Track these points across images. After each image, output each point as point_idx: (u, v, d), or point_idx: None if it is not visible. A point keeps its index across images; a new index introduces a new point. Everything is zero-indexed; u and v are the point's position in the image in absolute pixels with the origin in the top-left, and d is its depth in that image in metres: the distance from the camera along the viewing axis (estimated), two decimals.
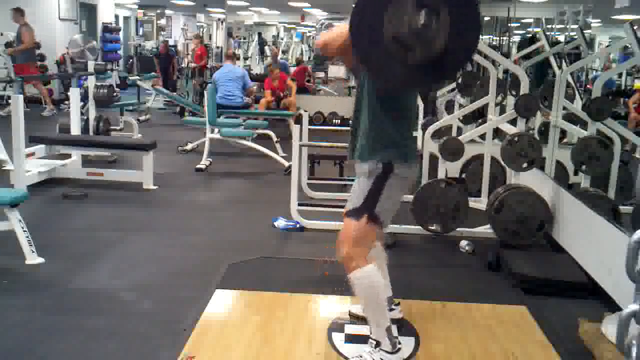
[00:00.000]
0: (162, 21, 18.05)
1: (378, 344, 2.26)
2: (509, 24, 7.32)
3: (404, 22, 1.81)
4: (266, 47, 12.97)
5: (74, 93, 5.62)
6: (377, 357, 2.25)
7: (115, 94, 6.56)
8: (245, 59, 11.84)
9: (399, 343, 2.27)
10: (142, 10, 17.05)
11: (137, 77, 9.74)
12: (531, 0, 7.50)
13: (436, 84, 2.10)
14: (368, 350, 2.30)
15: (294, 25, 15.02)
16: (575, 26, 5.51)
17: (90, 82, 5.99)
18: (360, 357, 2.29)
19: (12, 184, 4.48)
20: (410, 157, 2.21)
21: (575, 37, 5.22)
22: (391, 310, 2.53)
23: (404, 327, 2.59)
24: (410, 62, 1.86)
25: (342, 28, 2.02)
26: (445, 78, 2.15)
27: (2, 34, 9.67)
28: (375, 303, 2.23)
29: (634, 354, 1.52)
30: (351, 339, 2.45)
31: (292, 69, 10.85)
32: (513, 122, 4.13)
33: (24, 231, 3.22)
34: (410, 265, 3.42)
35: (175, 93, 10.09)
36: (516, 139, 3.84)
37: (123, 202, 4.63)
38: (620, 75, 5.82)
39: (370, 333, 2.31)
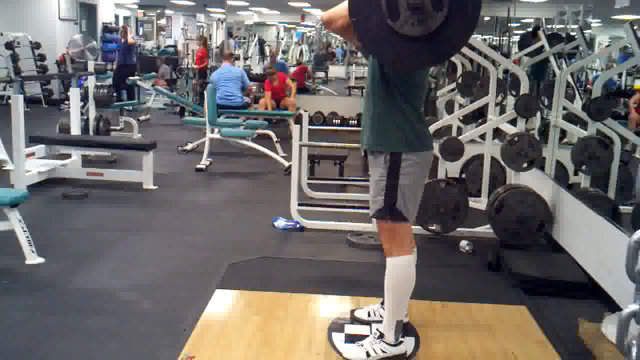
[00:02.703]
0: (162, 21, 18.06)
1: (381, 336, 2.28)
2: (509, 24, 7.32)
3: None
4: (266, 47, 12.97)
5: (74, 93, 5.62)
6: (378, 347, 2.27)
7: (114, 94, 6.56)
8: (245, 59, 11.84)
9: (402, 337, 2.29)
10: (142, 10, 17.05)
11: (137, 77, 9.74)
12: (531, 0, 7.50)
13: (435, 61, 2.05)
14: (370, 339, 2.31)
15: (294, 26, 15.02)
16: (575, 26, 5.51)
17: (90, 82, 5.99)
18: (362, 345, 2.31)
19: (12, 184, 4.48)
20: (421, 142, 2.17)
21: (575, 37, 5.22)
22: None
23: (404, 327, 2.59)
24: (408, 36, 1.83)
25: (345, 4, 1.98)
26: (445, 55, 2.10)
27: (2, 34, 9.68)
28: (399, 293, 2.24)
29: (634, 354, 1.52)
30: (351, 339, 2.45)
31: (292, 69, 10.85)
32: (513, 122, 4.13)
33: (24, 231, 3.22)
34: None
35: (174, 93, 10.08)
36: (516, 139, 3.84)
37: (123, 202, 4.64)
38: (620, 75, 5.82)
39: (371, 326, 2.33)
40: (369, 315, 2.61)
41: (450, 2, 1.80)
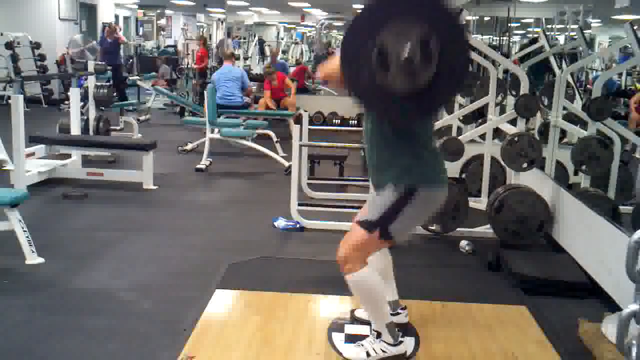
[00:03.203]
0: (162, 21, 18.06)
1: (379, 335, 2.28)
2: (509, 24, 7.32)
3: (390, 53, 1.77)
4: (266, 47, 12.96)
5: (74, 93, 5.62)
6: (378, 347, 2.27)
7: (114, 94, 6.56)
8: (245, 59, 11.84)
9: (401, 336, 2.29)
10: (142, 10, 17.05)
11: (137, 77, 9.74)
12: (531, 0, 7.50)
13: (422, 117, 2.04)
14: (369, 339, 2.31)
15: (294, 26, 15.02)
16: (575, 26, 5.52)
17: (90, 82, 5.99)
18: (362, 345, 2.31)
19: (12, 184, 4.48)
20: (436, 180, 2.13)
21: (575, 37, 5.23)
22: (397, 314, 2.53)
23: (405, 327, 2.59)
24: (397, 92, 1.82)
25: (337, 58, 1.97)
26: (431, 112, 2.08)
27: (2, 34, 9.68)
28: (371, 303, 2.24)
29: (634, 354, 1.52)
30: (351, 339, 2.45)
31: (292, 69, 10.85)
32: (513, 122, 4.13)
33: (24, 231, 3.22)
34: (410, 265, 3.42)
35: (174, 93, 10.08)
36: (516, 139, 3.84)
37: (123, 202, 4.64)
38: (620, 75, 5.82)
39: (371, 326, 2.33)
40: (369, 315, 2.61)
41: (440, 57, 1.78)
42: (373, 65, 1.80)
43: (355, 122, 8.56)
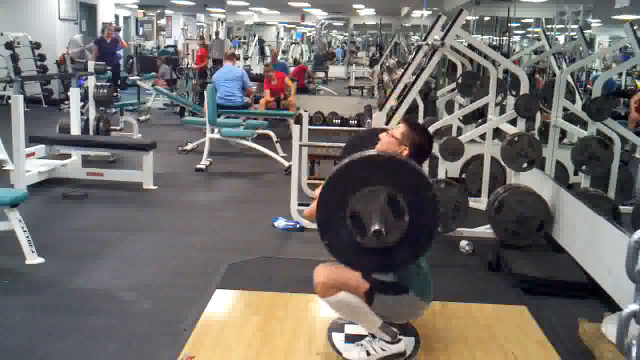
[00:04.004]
0: (162, 21, 18.06)
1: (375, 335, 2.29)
2: (509, 24, 7.31)
3: (362, 216, 1.92)
4: (266, 47, 12.98)
5: (74, 93, 5.62)
6: (377, 346, 2.28)
7: (115, 94, 6.56)
8: (245, 59, 11.84)
9: (399, 334, 2.30)
10: (142, 10, 17.05)
11: (137, 77, 9.74)
12: (531, 0, 7.50)
13: (386, 271, 2.15)
14: (369, 339, 2.33)
15: (294, 26, 15.03)
16: (575, 26, 5.51)
17: (90, 82, 5.99)
18: (362, 344, 2.31)
19: (12, 184, 4.48)
20: (426, 294, 2.26)
21: (576, 37, 5.23)
22: None
23: (405, 327, 2.59)
24: (373, 249, 1.96)
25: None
26: (397, 271, 2.17)
27: (2, 34, 9.68)
28: (355, 316, 2.27)
29: (634, 354, 1.52)
30: (351, 339, 2.45)
31: (292, 69, 10.85)
32: (513, 122, 4.13)
33: (24, 231, 3.22)
34: None
35: (174, 93, 10.08)
36: (516, 139, 3.84)
37: (123, 202, 4.64)
38: (620, 75, 5.82)
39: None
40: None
41: (410, 211, 1.92)
42: (350, 229, 1.94)
43: (355, 122, 8.56)
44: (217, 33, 11.40)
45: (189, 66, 11.10)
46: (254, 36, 12.83)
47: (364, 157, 1.96)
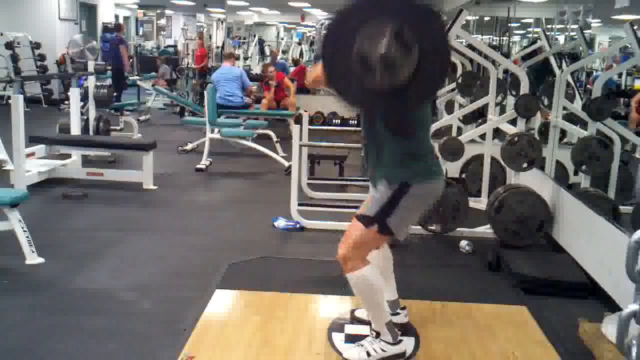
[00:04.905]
0: (162, 21, 18.07)
1: (378, 335, 2.28)
2: (509, 24, 7.32)
3: (369, 55, 1.80)
4: (266, 47, 12.97)
5: (74, 93, 5.62)
6: (378, 346, 2.28)
7: (115, 94, 6.56)
8: (245, 59, 11.84)
9: (401, 336, 2.29)
10: (142, 10, 17.06)
11: (137, 77, 9.74)
12: (531, 0, 7.50)
13: (419, 104, 2.07)
14: (369, 339, 2.32)
15: (294, 25, 15.02)
16: (575, 26, 5.51)
17: (90, 82, 5.99)
18: (362, 345, 2.31)
19: (12, 184, 4.48)
20: (429, 174, 2.16)
21: (576, 37, 5.23)
22: (396, 314, 2.53)
23: (405, 327, 2.59)
24: (373, 87, 1.84)
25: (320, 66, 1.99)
26: (421, 102, 2.10)
27: (2, 34, 9.68)
28: (372, 302, 2.25)
29: (634, 354, 1.52)
30: (351, 339, 2.45)
31: (292, 69, 10.85)
32: (513, 122, 4.13)
33: (24, 231, 3.22)
34: (410, 265, 3.42)
35: (174, 93, 10.08)
36: (516, 139, 3.84)
37: (123, 202, 4.63)
38: (620, 75, 5.82)
39: (371, 326, 2.33)
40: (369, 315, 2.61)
41: (419, 43, 1.79)
42: (356, 69, 1.82)
43: (355, 122, 8.56)
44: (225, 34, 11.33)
45: (189, 66, 11.10)
46: (254, 36, 12.82)
47: None
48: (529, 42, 7.23)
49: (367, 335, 2.36)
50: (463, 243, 3.74)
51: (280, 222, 4.08)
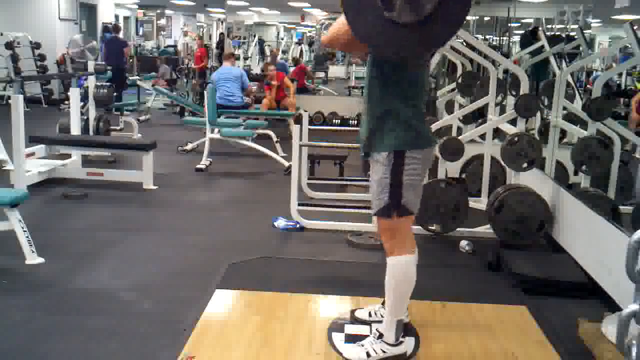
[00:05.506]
0: (162, 21, 18.08)
1: (381, 336, 2.28)
2: (509, 24, 7.32)
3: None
4: (266, 47, 12.97)
5: (74, 93, 5.62)
6: (378, 347, 2.27)
7: (115, 94, 6.56)
8: (245, 59, 11.83)
9: (402, 337, 2.29)
10: (142, 10, 17.06)
11: (137, 77, 9.74)
12: (531, 0, 7.50)
13: (436, 45, 2.06)
14: (370, 339, 2.32)
15: (294, 26, 15.02)
16: (575, 26, 5.51)
17: (90, 82, 5.99)
18: (362, 345, 2.31)
19: (12, 184, 4.48)
20: (422, 139, 2.17)
21: (575, 36, 5.22)
22: None
23: (405, 327, 2.59)
24: (406, 24, 1.82)
25: (342, 18, 1.96)
26: (435, 45, 2.09)
27: (2, 34, 9.68)
28: (399, 293, 2.24)
29: (634, 354, 1.52)
30: (351, 339, 2.45)
31: (292, 69, 10.85)
32: (513, 122, 4.12)
33: (24, 231, 3.22)
34: None
35: (174, 93, 10.09)
36: (516, 139, 3.84)
37: (123, 202, 4.63)
38: (620, 75, 5.82)
39: (371, 326, 2.34)
40: (369, 315, 2.61)
41: None
42: (379, 3, 1.81)
43: (355, 122, 8.56)
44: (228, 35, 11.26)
45: (189, 66, 11.11)
46: (254, 36, 12.82)
47: None
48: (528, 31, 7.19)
49: (368, 335, 2.36)
50: (463, 243, 3.74)
51: (280, 222, 4.08)
